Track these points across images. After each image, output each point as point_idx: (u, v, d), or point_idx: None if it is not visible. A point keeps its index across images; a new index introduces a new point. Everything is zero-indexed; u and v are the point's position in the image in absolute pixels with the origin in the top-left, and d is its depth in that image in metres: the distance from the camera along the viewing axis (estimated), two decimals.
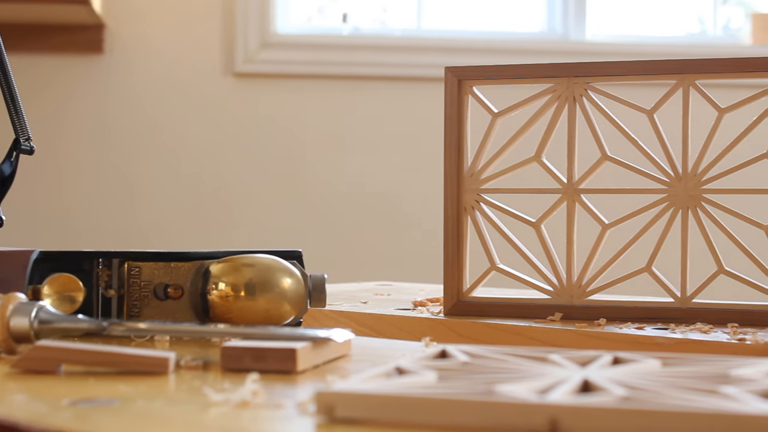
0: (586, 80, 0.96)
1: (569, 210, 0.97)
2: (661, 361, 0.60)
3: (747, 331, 0.86)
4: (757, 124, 0.93)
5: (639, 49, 2.49)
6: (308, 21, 2.63)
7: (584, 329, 0.88)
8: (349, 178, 2.46)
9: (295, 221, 2.45)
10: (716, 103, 0.94)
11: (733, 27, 2.71)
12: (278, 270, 0.83)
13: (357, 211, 2.46)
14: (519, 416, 0.47)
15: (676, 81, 0.95)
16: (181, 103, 2.45)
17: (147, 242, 2.39)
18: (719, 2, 2.69)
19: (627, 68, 0.95)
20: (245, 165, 2.45)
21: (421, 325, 0.95)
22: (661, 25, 2.70)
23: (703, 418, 0.45)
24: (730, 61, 0.93)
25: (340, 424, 0.49)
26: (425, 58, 2.44)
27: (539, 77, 0.97)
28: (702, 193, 0.94)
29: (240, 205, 2.45)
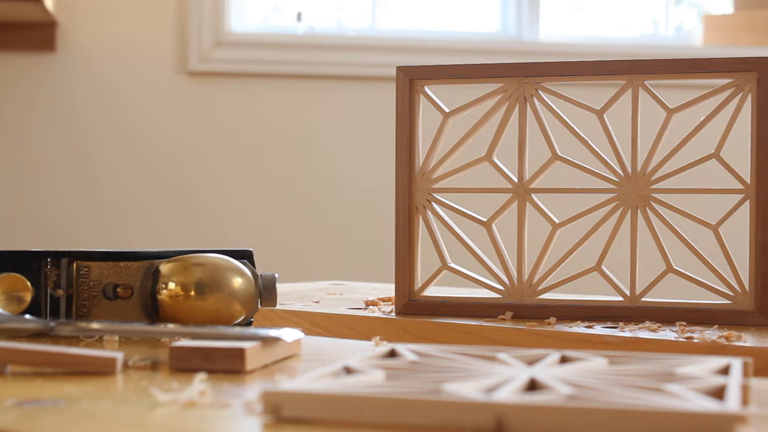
0: (536, 80, 0.97)
1: (520, 209, 0.98)
2: (607, 359, 0.61)
3: (695, 330, 0.87)
4: (705, 124, 0.94)
5: (593, 49, 2.50)
6: (264, 20, 2.62)
7: (534, 328, 0.89)
8: (302, 177, 2.46)
9: (249, 221, 2.44)
10: (665, 103, 0.95)
11: (686, 28, 2.73)
12: (228, 269, 0.82)
13: (310, 210, 2.46)
14: (465, 415, 0.47)
15: (625, 81, 0.95)
16: (135, 101, 2.43)
17: (100, 241, 2.37)
18: (672, 4, 2.71)
19: (576, 68, 0.96)
20: (199, 164, 2.44)
21: (373, 324, 0.95)
22: (616, 26, 2.71)
23: (647, 416, 0.45)
24: (678, 62, 0.94)
25: (286, 423, 0.49)
26: (379, 58, 2.44)
27: (490, 77, 0.98)
28: (651, 193, 0.95)
29: (195, 205, 2.44)
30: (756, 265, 0.92)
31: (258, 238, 2.41)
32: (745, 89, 0.92)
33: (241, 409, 0.53)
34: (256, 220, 2.44)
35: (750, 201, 0.92)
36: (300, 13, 2.55)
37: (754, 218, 0.92)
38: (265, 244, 2.38)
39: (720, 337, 0.82)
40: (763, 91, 0.91)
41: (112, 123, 2.43)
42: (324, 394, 0.49)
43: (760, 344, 0.80)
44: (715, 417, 0.45)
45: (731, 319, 0.92)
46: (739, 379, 0.54)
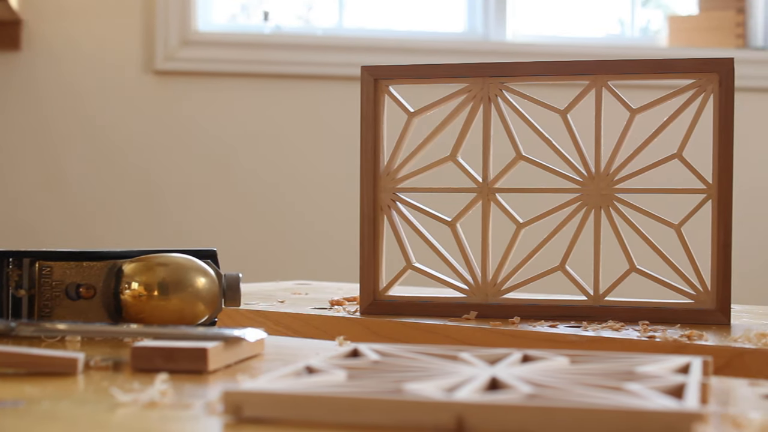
0: (500, 80, 0.97)
1: (484, 209, 0.98)
2: (569, 359, 0.61)
3: (657, 329, 0.87)
4: (667, 125, 0.95)
5: (559, 49, 2.51)
6: (232, 19, 2.62)
7: (498, 327, 0.89)
8: (268, 177, 2.45)
9: (215, 220, 2.43)
10: (628, 103, 0.95)
11: (653, 29, 2.75)
12: (192, 269, 0.82)
13: (276, 210, 2.45)
14: (426, 414, 0.47)
15: (589, 82, 0.96)
16: (101, 100, 2.42)
17: (65, 241, 2.35)
18: (638, 4, 2.72)
19: (540, 69, 0.96)
20: (165, 163, 2.43)
21: (338, 324, 0.95)
22: (583, 26, 2.72)
23: (606, 415, 0.45)
24: (641, 63, 0.95)
25: (247, 423, 0.49)
26: (346, 57, 2.44)
27: (455, 77, 0.98)
28: (614, 193, 0.95)
29: (160, 204, 2.43)
30: (718, 265, 0.92)
31: (224, 238, 2.40)
32: (707, 90, 0.93)
33: (202, 409, 0.53)
34: (222, 220, 2.44)
35: (712, 201, 0.93)
36: (267, 13, 2.54)
37: (716, 218, 0.93)
38: (231, 244, 2.37)
39: (682, 336, 0.83)
40: (724, 91, 0.92)
41: (78, 122, 2.41)
42: (285, 394, 0.49)
43: (721, 343, 0.80)
44: (674, 415, 0.45)
45: (693, 318, 0.92)
46: (698, 378, 0.54)
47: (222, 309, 0.85)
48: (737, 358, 0.78)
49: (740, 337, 0.81)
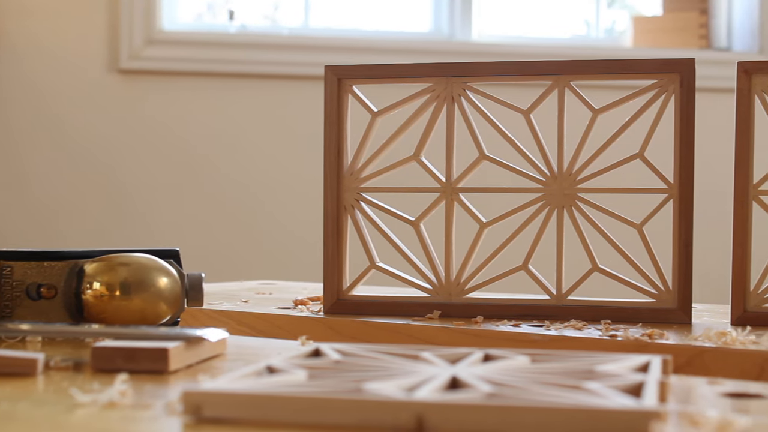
0: (463, 80, 0.97)
1: (448, 209, 0.98)
2: (530, 358, 0.61)
3: (619, 328, 0.88)
4: (629, 125, 0.95)
5: (524, 49, 2.52)
6: (198, 18, 2.61)
7: (461, 327, 0.89)
8: (234, 176, 2.45)
9: (180, 220, 2.43)
10: (590, 103, 0.96)
11: (618, 29, 2.76)
12: (154, 269, 0.82)
13: (242, 209, 2.45)
14: (385, 413, 0.47)
15: (551, 82, 0.96)
16: (65, 99, 2.40)
17: (28, 241, 2.34)
18: (603, 5, 2.73)
19: (503, 69, 0.97)
20: (129, 162, 2.42)
21: (301, 323, 0.95)
22: (549, 27, 2.73)
23: (564, 414, 0.46)
24: (603, 63, 0.95)
25: (207, 423, 0.49)
26: (312, 57, 2.43)
27: (418, 77, 0.98)
28: (577, 192, 0.96)
29: (124, 204, 2.42)
30: (679, 264, 0.93)
31: (189, 237, 2.39)
32: (669, 90, 0.94)
33: (162, 409, 0.53)
34: (187, 220, 2.43)
35: (673, 200, 0.94)
36: (232, 12, 2.54)
37: (677, 217, 0.93)
38: (197, 244, 2.37)
39: (643, 335, 0.83)
40: (685, 92, 0.93)
41: (41, 121, 2.40)
42: (245, 394, 0.49)
43: (682, 342, 0.81)
44: (632, 414, 0.45)
45: (655, 317, 0.93)
46: (657, 377, 0.55)
47: (185, 309, 0.84)
48: (697, 356, 0.78)
49: (701, 336, 0.82)
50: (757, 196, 0.93)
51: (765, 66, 0.92)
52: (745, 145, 0.92)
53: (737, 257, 0.92)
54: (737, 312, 0.92)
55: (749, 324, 0.90)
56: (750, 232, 0.93)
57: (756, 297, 0.93)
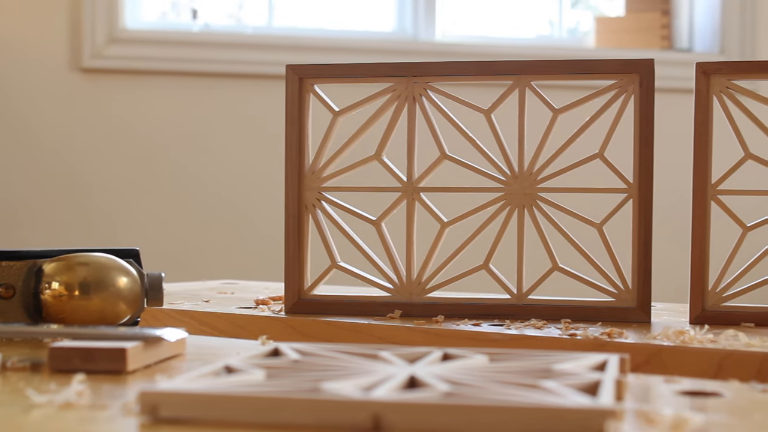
0: (425, 80, 0.98)
1: (409, 208, 0.98)
2: (488, 357, 0.61)
3: (579, 327, 0.88)
4: (589, 125, 0.96)
5: (488, 49, 2.53)
6: (162, 17, 2.60)
7: (422, 326, 0.89)
8: (198, 175, 2.44)
9: (143, 219, 2.42)
10: (551, 103, 0.96)
11: (582, 30, 2.77)
12: (113, 269, 0.81)
13: (205, 208, 2.44)
14: (343, 413, 0.47)
15: (512, 82, 0.97)
16: (26, 97, 2.39)
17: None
18: (567, 6, 2.75)
19: (464, 68, 0.97)
20: (92, 161, 2.41)
21: (262, 323, 0.95)
22: (514, 27, 2.74)
23: (520, 412, 0.46)
24: (563, 63, 0.95)
25: (163, 424, 0.49)
26: (275, 56, 2.43)
27: (380, 76, 0.98)
28: (537, 192, 0.96)
29: (87, 203, 2.40)
30: (638, 263, 0.94)
31: (153, 237, 2.38)
32: (628, 90, 0.94)
33: (118, 410, 0.52)
34: (151, 219, 2.42)
35: (633, 200, 0.94)
36: (195, 11, 2.53)
37: (636, 217, 0.94)
38: (161, 244, 2.36)
39: (602, 333, 0.84)
40: (645, 92, 0.93)
41: (3, 120, 2.38)
42: (201, 394, 0.49)
43: (641, 341, 0.81)
44: (587, 412, 0.46)
45: (615, 316, 0.93)
46: (614, 375, 0.55)
47: (144, 309, 0.84)
48: (656, 355, 0.79)
49: (659, 335, 0.83)
50: (716, 196, 0.94)
51: (723, 67, 0.93)
52: (704, 146, 0.93)
53: (696, 257, 0.93)
54: (696, 311, 0.93)
55: (708, 323, 0.91)
56: (708, 232, 0.93)
57: (714, 296, 0.93)
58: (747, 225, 0.95)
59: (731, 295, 0.93)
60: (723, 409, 0.54)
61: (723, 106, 0.93)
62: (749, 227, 0.95)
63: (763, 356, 0.76)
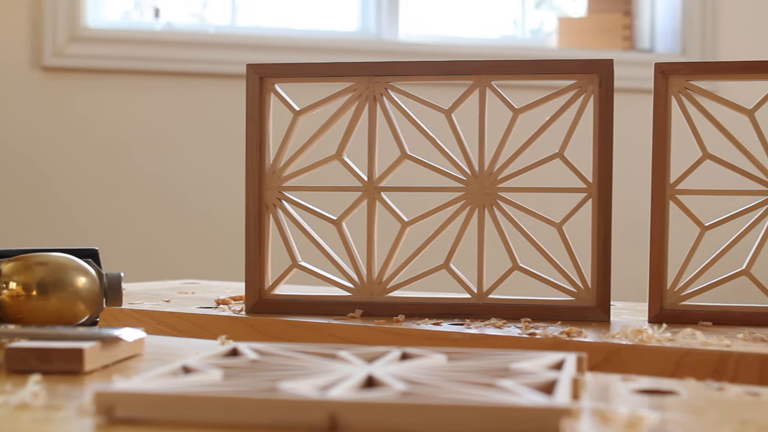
0: (386, 80, 0.98)
1: (369, 208, 0.98)
2: (447, 356, 0.61)
3: (538, 326, 0.89)
4: (549, 124, 0.96)
5: (451, 49, 2.53)
6: (126, 15, 2.58)
7: (383, 325, 0.89)
8: (161, 175, 2.43)
9: (106, 219, 2.40)
10: (511, 103, 0.96)
11: (546, 30, 2.78)
12: (72, 268, 0.81)
13: (170, 208, 2.43)
14: (299, 413, 0.47)
15: (473, 82, 0.97)
16: None
17: None
18: (530, 6, 2.75)
19: (424, 68, 0.97)
20: (53, 160, 2.39)
21: (223, 323, 0.95)
22: (478, 27, 2.75)
23: (476, 411, 0.46)
24: (523, 63, 0.96)
25: (119, 424, 0.48)
26: (239, 55, 2.42)
27: (340, 76, 0.98)
28: (497, 192, 0.96)
29: (48, 202, 2.39)
30: (598, 263, 0.94)
31: (115, 236, 2.37)
32: (588, 91, 0.95)
33: (74, 410, 0.52)
34: (113, 219, 2.40)
35: (592, 200, 0.95)
36: (157, 10, 2.52)
37: (596, 216, 0.94)
38: (124, 243, 2.34)
39: (562, 332, 0.84)
40: (604, 92, 0.94)
41: None
42: (157, 394, 0.49)
43: (599, 339, 0.82)
44: (542, 411, 0.46)
45: (574, 315, 0.94)
46: (571, 374, 0.55)
47: (103, 309, 0.84)
48: (614, 354, 0.79)
49: (617, 334, 0.83)
50: (674, 195, 0.94)
51: (682, 67, 0.94)
52: (662, 146, 0.93)
53: (654, 256, 0.94)
54: (654, 310, 0.93)
55: (666, 322, 0.92)
56: (667, 231, 0.94)
57: (673, 295, 0.94)
58: (705, 224, 0.95)
59: (689, 294, 0.94)
60: (679, 407, 0.54)
61: (681, 106, 0.94)
62: (707, 227, 0.95)
63: (719, 355, 0.76)
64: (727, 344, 0.79)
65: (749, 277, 0.95)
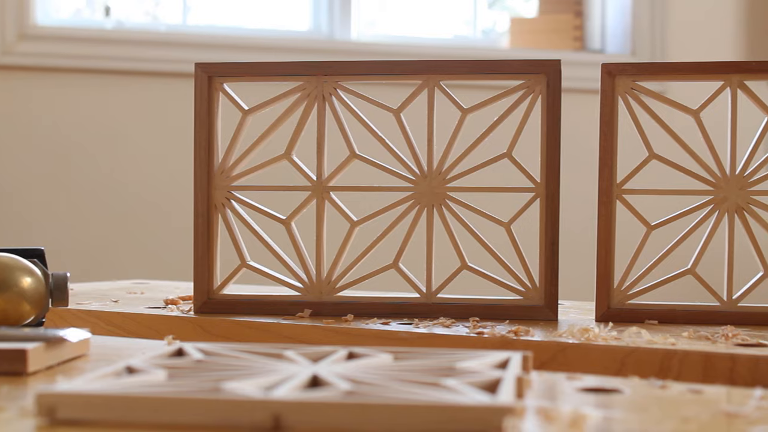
0: (335, 79, 0.98)
1: (318, 207, 0.98)
2: (393, 355, 0.62)
3: (486, 325, 0.89)
4: (497, 124, 0.97)
5: (404, 49, 2.53)
6: (77, 13, 2.56)
7: (331, 325, 0.89)
8: (111, 174, 2.41)
9: (57, 218, 2.38)
10: (459, 103, 0.97)
11: (499, 31, 2.79)
12: (16, 269, 0.80)
13: (122, 207, 2.41)
14: (242, 413, 0.47)
15: (421, 81, 0.97)
16: None
17: None
18: (482, 6, 2.76)
19: (374, 68, 0.97)
20: (2, 159, 2.37)
21: (171, 323, 0.95)
22: (431, 28, 2.75)
23: (419, 410, 0.46)
24: (471, 63, 0.96)
25: (61, 425, 0.48)
26: (190, 54, 2.41)
27: (289, 75, 0.98)
28: (446, 191, 0.97)
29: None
30: (545, 262, 0.95)
31: (67, 236, 2.35)
32: (536, 91, 0.95)
33: (16, 412, 0.52)
34: (63, 218, 2.38)
35: (540, 199, 0.95)
36: (108, 8, 2.50)
37: (543, 216, 0.95)
38: (75, 243, 2.33)
39: (509, 332, 0.84)
40: (551, 92, 0.94)
41: None
42: (100, 395, 0.48)
43: (546, 338, 0.82)
44: (485, 410, 0.46)
45: (522, 314, 0.94)
46: (515, 373, 0.55)
47: (49, 309, 0.83)
48: (561, 352, 0.80)
49: (564, 333, 0.84)
50: (621, 195, 0.95)
51: (628, 68, 0.94)
52: (609, 146, 0.94)
53: (601, 256, 0.94)
54: (601, 309, 0.94)
55: (613, 320, 0.92)
56: (614, 231, 0.95)
57: (619, 294, 0.95)
58: (651, 224, 0.96)
59: (636, 292, 0.95)
60: (622, 405, 0.54)
61: (628, 106, 0.95)
62: (653, 226, 0.96)
63: (664, 353, 0.77)
64: (672, 342, 0.79)
65: (694, 276, 0.96)
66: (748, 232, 0.95)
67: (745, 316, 0.93)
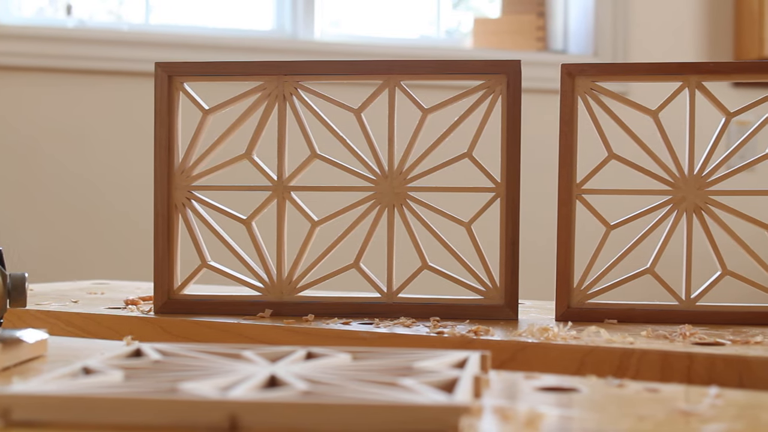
0: (295, 79, 0.97)
1: (279, 207, 0.98)
2: (352, 355, 0.62)
3: (447, 324, 0.89)
4: (458, 124, 0.97)
5: (367, 49, 2.53)
6: (40, 12, 2.54)
7: (292, 325, 0.89)
8: (73, 174, 2.40)
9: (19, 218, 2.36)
10: (420, 103, 0.97)
11: (463, 31, 2.80)
12: None
13: (85, 207, 2.40)
14: (199, 413, 0.47)
15: (382, 81, 0.97)
16: None
17: None
18: (446, 7, 2.77)
19: (334, 68, 0.97)
20: None
21: (130, 323, 0.94)
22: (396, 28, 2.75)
23: (376, 410, 0.46)
24: (432, 63, 0.96)
25: (16, 427, 0.48)
26: (152, 54, 2.40)
27: (250, 75, 0.98)
28: (407, 191, 0.97)
29: None
30: (506, 262, 0.95)
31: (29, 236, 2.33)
32: (496, 91, 0.96)
33: None
34: (24, 217, 2.37)
35: (500, 199, 0.95)
36: (70, 6, 2.48)
37: (504, 216, 0.95)
38: (37, 243, 2.31)
39: (469, 331, 0.85)
40: (511, 92, 0.94)
41: None
42: (55, 396, 0.48)
43: (506, 338, 0.82)
44: (442, 409, 0.46)
45: (483, 314, 0.95)
46: (473, 372, 0.56)
47: (7, 310, 0.82)
48: (520, 352, 0.80)
49: (524, 332, 0.84)
50: (581, 195, 0.95)
51: (588, 68, 0.95)
52: (569, 146, 0.94)
53: (561, 255, 0.95)
54: (561, 308, 0.95)
55: (573, 320, 0.93)
56: (573, 231, 0.95)
57: (579, 293, 0.95)
58: (611, 224, 0.97)
59: (595, 292, 0.95)
60: (579, 404, 0.55)
61: (587, 107, 0.95)
62: (613, 226, 0.97)
63: (622, 352, 0.77)
64: (630, 342, 0.80)
65: (653, 276, 0.97)
66: (706, 232, 0.95)
67: (703, 315, 0.94)
